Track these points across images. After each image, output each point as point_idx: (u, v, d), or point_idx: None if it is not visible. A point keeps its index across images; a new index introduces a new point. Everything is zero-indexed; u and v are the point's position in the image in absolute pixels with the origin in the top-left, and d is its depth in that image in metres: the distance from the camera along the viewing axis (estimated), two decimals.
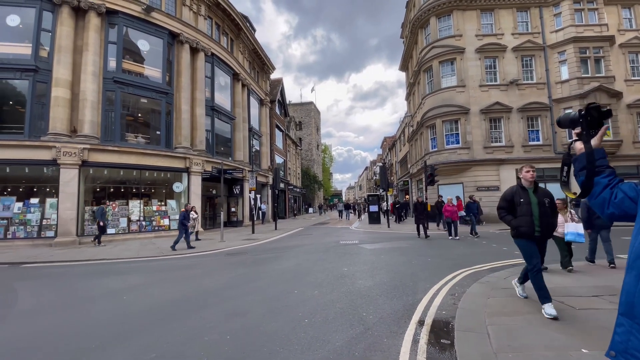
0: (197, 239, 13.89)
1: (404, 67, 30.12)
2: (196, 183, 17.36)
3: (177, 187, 17.22)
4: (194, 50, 18.48)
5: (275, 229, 18.92)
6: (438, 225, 16.71)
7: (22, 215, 13.65)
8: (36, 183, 14.37)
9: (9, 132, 13.69)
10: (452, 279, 5.88)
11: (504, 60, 19.68)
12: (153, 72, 16.64)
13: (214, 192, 20.55)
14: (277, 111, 34.79)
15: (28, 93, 13.79)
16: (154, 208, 16.39)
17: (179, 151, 16.94)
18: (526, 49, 19.62)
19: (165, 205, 16.88)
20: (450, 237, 12.05)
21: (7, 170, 13.70)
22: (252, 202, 22.71)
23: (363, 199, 71.78)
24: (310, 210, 50.80)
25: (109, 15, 15.20)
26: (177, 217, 17.12)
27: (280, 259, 8.77)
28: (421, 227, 12.84)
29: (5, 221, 13.32)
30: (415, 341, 3.33)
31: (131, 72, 15.93)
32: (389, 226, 17.67)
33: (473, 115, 19.27)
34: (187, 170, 17.16)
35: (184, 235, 11.28)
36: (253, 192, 20.28)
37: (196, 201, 17.17)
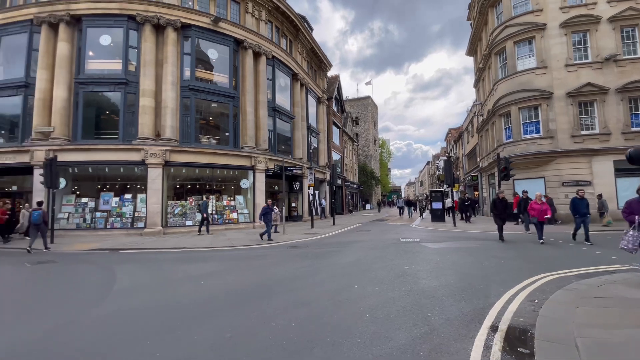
0: (275, 232, 14.76)
1: (471, 51, 27.78)
2: (260, 180, 18.49)
3: (244, 183, 18.53)
4: (257, 55, 19.54)
5: (333, 224, 19.14)
6: (527, 228, 13.52)
7: (118, 208, 16.06)
8: (129, 181, 16.76)
9: (107, 138, 16.18)
10: (531, 284, 5.28)
11: (597, 34, 16.87)
12: (221, 78, 18.09)
13: (275, 188, 21.64)
14: (334, 108, 35.03)
15: (120, 103, 16.11)
16: (224, 203, 17.88)
17: (245, 150, 18.18)
18: (627, 18, 16.52)
19: (234, 200, 18.32)
20: (541, 241, 9.90)
21: (106, 170, 16.23)
22: (311, 198, 23.33)
23: (425, 195, 68.58)
24: (368, 206, 50.25)
25: (184, 29, 16.90)
26: (245, 211, 18.51)
27: (340, 254, 8.85)
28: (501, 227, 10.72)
29: (105, 213, 15.79)
30: (487, 347, 3.09)
31: (203, 79, 17.54)
32: (454, 225, 16.57)
33: (557, 100, 16.94)
34: (252, 168, 18.33)
35: (272, 227, 12.37)
36: (312, 188, 20.83)
37: (260, 197, 18.27)
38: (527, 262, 7.10)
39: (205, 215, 14.81)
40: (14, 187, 17.51)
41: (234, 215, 17.88)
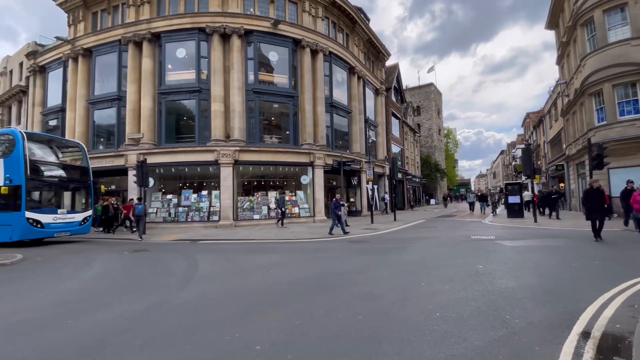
0: (347, 225, 14.82)
1: (552, 24, 24.28)
2: (319, 175, 18.88)
3: (304, 179, 19.12)
4: (314, 53, 19.86)
5: (395, 220, 18.62)
6: (626, 223, 11.38)
7: (197, 203, 17.89)
8: (204, 179, 18.54)
9: (186, 141, 18.08)
10: (630, 287, 4.49)
11: None
12: (281, 79, 18.86)
13: (334, 183, 21.87)
14: (393, 98, 33.87)
15: (195, 109, 17.85)
16: (287, 198, 18.68)
17: (304, 147, 18.71)
18: None
19: (295, 195, 19.06)
20: None
21: (186, 169, 18.19)
22: (370, 193, 23.01)
23: (499, 188, 62.56)
24: (432, 201, 47.65)
25: (246, 35, 17.96)
26: (305, 206, 19.11)
27: (403, 250, 8.59)
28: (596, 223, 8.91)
29: (186, 208, 17.71)
30: (577, 354, 2.71)
31: (265, 82, 18.49)
32: (535, 221, 14.79)
33: None
34: (311, 164, 18.80)
35: (337, 221, 12.18)
36: (370, 183, 20.52)
37: (319, 192, 18.68)
38: (625, 264, 6.04)
39: (283, 209, 16.01)
40: (113, 187, 20.66)
41: (296, 209, 18.58)
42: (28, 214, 10.51)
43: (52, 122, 22.15)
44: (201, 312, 4.04)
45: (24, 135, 10.97)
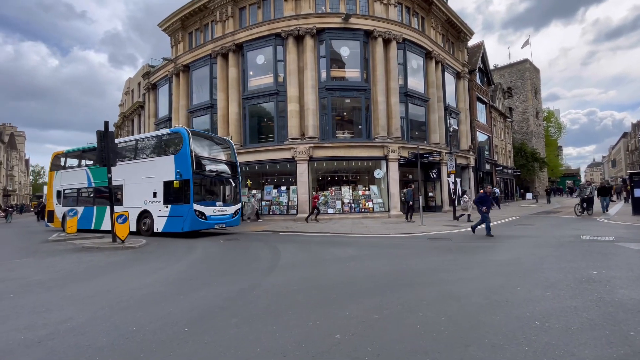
0: (469, 221, 14.32)
1: None
2: (394, 169, 18.29)
3: (378, 173, 18.77)
4: (386, 42, 19.22)
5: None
6: None
7: (277, 198, 19.20)
8: (283, 175, 19.74)
9: (266, 141, 19.48)
10: None
11: None
12: (353, 73, 18.80)
13: (410, 176, 20.91)
14: (478, 81, 30.59)
15: (274, 111, 19.08)
16: (360, 192, 18.66)
17: (377, 141, 18.35)
18: None
19: (369, 190, 18.87)
20: None
21: (267, 167, 19.60)
22: (452, 187, 21.30)
23: (621, 180, 51.53)
24: (528, 195, 41.62)
25: (318, 34, 18.38)
26: (379, 200, 18.77)
27: (493, 250, 7.77)
28: None
29: (268, 202, 19.14)
30: None
31: (336, 78, 18.69)
32: None
33: None
34: (385, 158, 18.34)
35: (486, 219, 10.15)
36: (452, 176, 19.02)
37: (394, 186, 18.10)
38: None
39: (411, 203, 15.73)
40: None
41: (369, 204, 18.40)
42: (195, 206, 11.26)
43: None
44: (285, 297, 4.35)
45: (190, 132, 11.78)
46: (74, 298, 4.50)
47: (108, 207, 11.20)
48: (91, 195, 14.56)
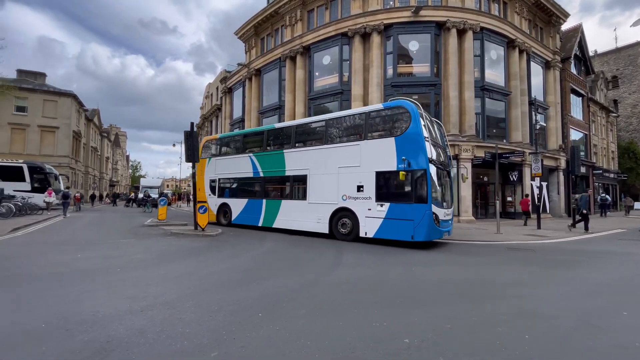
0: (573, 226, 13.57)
1: None
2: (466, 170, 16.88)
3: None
4: (461, 32, 17.86)
5: (573, 226, 14.65)
6: None
7: None
8: None
9: None
10: None
11: None
12: (422, 68, 17.89)
13: (485, 179, 19.11)
14: (573, 70, 26.48)
15: (338, 110, 19.19)
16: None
17: (447, 139, 17.14)
18: None
19: None
20: None
21: None
22: (536, 191, 18.85)
23: None
24: (638, 205, 34.57)
25: (385, 30, 17.93)
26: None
27: (588, 266, 6.70)
28: None
29: None
30: None
31: (404, 74, 18.00)
32: None
33: None
34: (456, 158, 17.05)
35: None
36: (537, 179, 16.82)
37: (465, 189, 16.74)
38: None
39: (585, 211, 13.10)
40: None
41: None
42: (433, 208, 8.37)
43: (236, 130, 28.66)
44: (349, 295, 4.37)
45: (419, 107, 8.95)
46: (166, 276, 5.19)
47: (283, 202, 10.78)
48: (258, 187, 12.37)
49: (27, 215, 15.57)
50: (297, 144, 11.40)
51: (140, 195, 30.16)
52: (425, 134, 8.72)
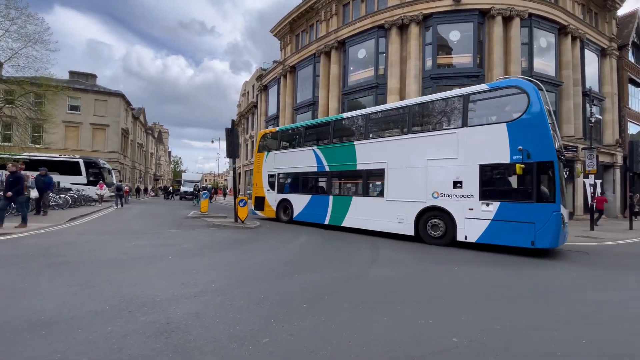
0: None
1: None
2: None
3: None
4: (507, 20, 16.80)
5: (630, 228, 13.35)
6: None
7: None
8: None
9: None
10: None
11: None
12: (463, 59, 17.09)
13: None
14: (631, 58, 23.92)
15: (372, 105, 18.89)
16: None
17: None
18: None
19: None
20: None
21: None
22: (590, 189, 17.36)
23: None
24: None
25: (425, 21, 17.32)
26: None
27: None
28: None
29: None
30: None
31: (443, 65, 17.31)
32: None
33: None
34: None
35: None
36: (592, 177, 15.45)
37: None
38: None
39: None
40: None
41: None
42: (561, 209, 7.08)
43: (271, 127, 29.28)
44: (391, 291, 4.34)
45: (539, 85, 7.74)
46: (212, 265, 5.47)
47: (354, 199, 10.00)
48: (323, 182, 11.68)
49: (82, 207, 17.07)
50: (370, 135, 10.23)
51: (183, 189, 32.01)
52: (548, 118, 7.35)
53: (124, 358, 2.39)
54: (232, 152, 11.34)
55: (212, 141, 47.27)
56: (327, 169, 11.32)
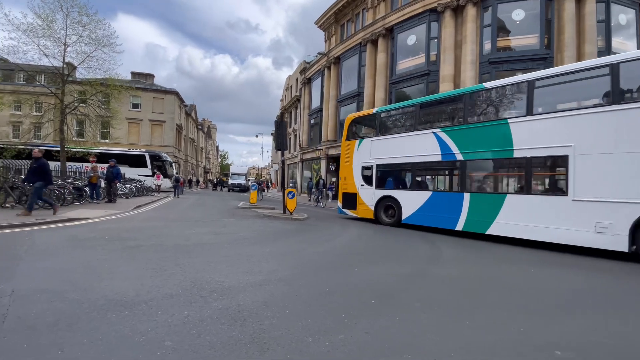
0: None
1: None
2: None
3: None
4: None
5: None
6: None
7: None
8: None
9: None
10: None
11: None
12: (528, 40, 15.46)
13: None
14: None
15: (424, 93, 17.92)
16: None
17: None
18: None
19: None
20: None
21: None
22: None
23: None
24: None
25: (483, 1, 15.91)
26: None
27: None
28: None
29: None
30: None
31: (504, 48, 15.82)
32: None
33: None
34: None
35: None
36: None
37: None
38: None
39: None
40: None
41: None
42: None
43: (314, 120, 29.31)
44: (464, 292, 3.95)
45: None
46: (272, 254, 5.48)
47: (509, 197, 7.67)
48: (453, 175, 9.28)
49: (143, 196, 18.52)
50: (540, 109, 7.49)
51: (231, 182, 33.61)
52: None
53: (204, 344, 2.37)
54: (282, 144, 11.42)
55: (257, 135, 48.96)
56: (460, 157, 8.68)
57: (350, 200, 11.69)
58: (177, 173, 28.11)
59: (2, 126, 30.95)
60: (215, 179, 47.27)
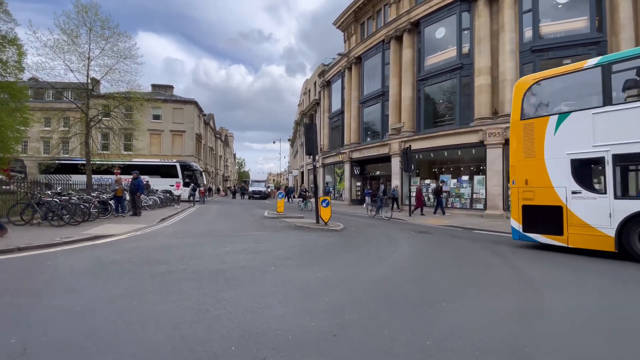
0: None
1: None
2: None
3: None
4: None
5: None
6: None
7: (456, 189, 16.98)
8: (464, 163, 17.24)
9: (445, 124, 17.42)
10: None
11: None
12: (575, 24, 14.00)
13: None
14: None
15: (456, 89, 16.72)
16: None
17: None
18: None
19: None
20: None
21: (445, 154, 17.59)
22: None
23: None
24: None
25: None
26: None
27: None
28: None
29: (445, 194, 17.13)
30: None
31: (548, 34, 14.41)
32: None
33: None
34: None
35: None
36: None
37: None
38: None
39: None
40: (378, 172, 23.69)
41: None
42: None
43: (335, 123, 28.46)
44: (606, 342, 2.90)
45: None
46: (325, 281, 4.50)
47: None
48: None
49: (167, 207, 18.12)
50: None
51: (251, 189, 33.16)
52: None
53: None
54: (312, 148, 10.59)
55: (274, 142, 48.63)
56: None
57: (545, 218, 7.06)
58: (204, 183, 27.99)
59: (33, 142, 31.86)
60: (234, 187, 47.22)
